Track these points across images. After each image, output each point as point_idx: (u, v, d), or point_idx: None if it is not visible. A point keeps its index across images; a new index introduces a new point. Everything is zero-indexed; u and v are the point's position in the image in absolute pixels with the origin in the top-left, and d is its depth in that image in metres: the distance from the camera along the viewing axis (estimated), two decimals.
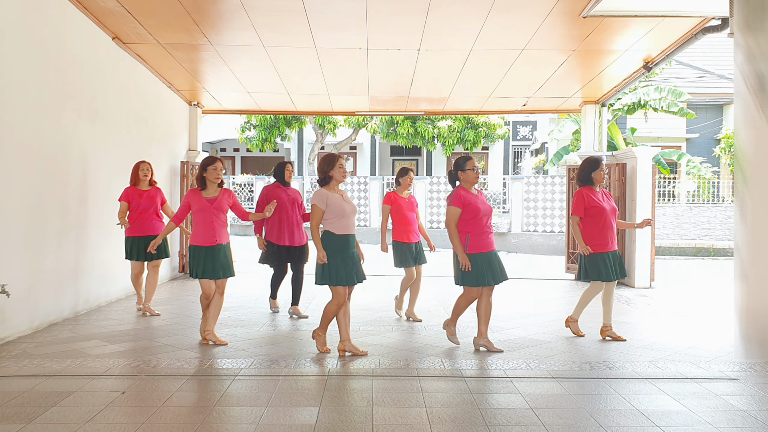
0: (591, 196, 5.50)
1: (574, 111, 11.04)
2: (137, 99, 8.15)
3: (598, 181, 5.55)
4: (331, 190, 4.84)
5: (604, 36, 6.99)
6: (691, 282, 10.62)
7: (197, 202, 5.21)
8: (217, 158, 5.31)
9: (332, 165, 4.82)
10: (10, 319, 5.23)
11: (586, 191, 5.53)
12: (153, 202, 6.52)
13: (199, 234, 5.20)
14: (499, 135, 21.82)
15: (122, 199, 6.43)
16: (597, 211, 5.44)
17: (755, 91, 4.81)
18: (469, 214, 4.98)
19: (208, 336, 5.23)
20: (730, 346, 5.19)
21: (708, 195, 19.81)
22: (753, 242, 4.88)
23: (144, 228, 6.45)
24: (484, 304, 5.11)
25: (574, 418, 3.49)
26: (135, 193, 6.47)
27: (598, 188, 5.62)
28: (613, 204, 5.62)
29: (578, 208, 5.50)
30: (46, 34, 5.78)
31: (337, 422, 3.39)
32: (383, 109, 11.59)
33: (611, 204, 5.58)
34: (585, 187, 5.58)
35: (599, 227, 5.45)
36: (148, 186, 6.59)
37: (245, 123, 21.49)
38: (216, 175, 5.24)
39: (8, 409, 3.53)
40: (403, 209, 6.30)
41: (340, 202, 4.80)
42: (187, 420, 3.41)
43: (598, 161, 5.59)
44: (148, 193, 6.52)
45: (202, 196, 5.23)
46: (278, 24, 6.68)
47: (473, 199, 5.03)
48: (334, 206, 4.77)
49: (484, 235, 5.05)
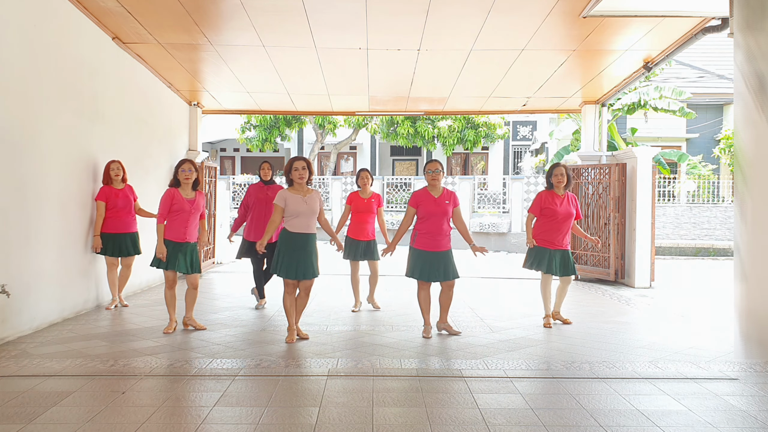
0: (548, 198, 6.06)
1: (574, 111, 11.04)
2: (137, 99, 8.15)
3: (556, 185, 6.09)
4: (294, 192, 5.25)
5: (604, 36, 6.99)
6: (691, 282, 10.62)
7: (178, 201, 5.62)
8: (186, 160, 5.75)
9: (289, 168, 5.29)
10: (10, 319, 5.23)
11: (545, 194, 6.12)
12: (128, 200, 6.83)
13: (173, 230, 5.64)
14: (499, 135, 21.84)
15: (99, 198, 6.69)
16: (550, 212, 6.03)
17: (755, 91, 4.81)
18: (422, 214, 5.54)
19: (189, 322, 5.78)
20: (730, 346, 5.19)
21: (708, 195, 19.81)
22: (753, 242, 4.88)
23: (119, 225, 6.77)
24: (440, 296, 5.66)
25: (574, 418, 3.49)
26: (111, 192, 6.74)
27: (562, 191, 6.10)
28: (572, 209, 6.08)
29: (534, 207, 6.14)
30: (46, 34, 5.78)
31: (337, 422, 3.38)
32: (383, 109, 11.59)
33: (569, 209, 6.06)
34: (545, 191, 6.18)
35: (548, 226, 6.05)
36: (121, 184, 6.84)
37: (245, 123, 21.50)
38: (186, 176, 5.64)
39: (8, 409, 3.53)
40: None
41: (298, 202, 5.22)
42: (187, 420, 3.41)
43: (552, 167, 6.19)
44: (123, 192, 6.81)
45: (182, 196, 5.64)
46: (278, 24, 6.68)
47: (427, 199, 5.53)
48: (291, 206, 5.21)
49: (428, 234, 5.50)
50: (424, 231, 5.49)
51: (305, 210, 5.22)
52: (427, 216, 5.47)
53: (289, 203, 5.21)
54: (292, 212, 5.21)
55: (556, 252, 6.03)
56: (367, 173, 6.91)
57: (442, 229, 5.49)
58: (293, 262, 5.21)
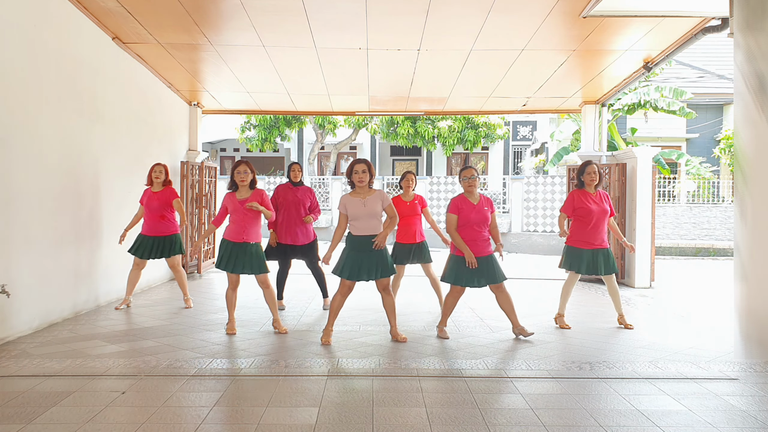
0: (581, 197, 5.95)
1: (574, 111, 11.04)
2: (137, 99, 8.15)
3: (588, 183, 5.98)
4: (355, 195, 5.31)
5: (604, 36, 6.99)
6: (691, 282, 10.62)
7: (231, 203, 5.64)
8: (242, 161, 5.69)
9: (350, 172, 5.32)
10: (10, 319, 5.24)
11: (577, 193, 6.01)
12: (161, 204, 6.75)
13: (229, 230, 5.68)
14: (499, 135, 21.83)
15: (140, 200, 6.87)
16: (584, 212, 5.92)
17: (755, 91, 4.81)
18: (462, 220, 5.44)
19: (274, 324, 5.81)
20: (730, 346, 5.19)
21: (708, 195, 19.81)
22: (753, 242, 4.88)
23: (149, 228, 6.78)
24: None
25: (574, 418, 3.49)
26: (146, 195, 6.80)
27: (594, 190, 5.98)
28: (605, 206, 5.97)
29: (567, 207, 6.03)
30: (46, 34, 5.78)
31: (337, 422, 3.38)
32: (383, 109, 11.59)
33: (603, 206, 5.96)
34: (577, 189, 6.07)
35: (583, 227, 5.94)
36: (160, 187, 6.81)
37: (245, 123, 21.49)
38: (241, 178, 5.62)
39: (8, 409, 3.53)
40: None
41: (357, 206, 5.26)
42: (187, 420, 3.41)
43: (584, 165, 6.05)
44: (157, 195, 6.77)
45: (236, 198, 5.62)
46: (278, 24, 6.68)
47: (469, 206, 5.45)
48: (351, 210, 5.27)
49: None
50: (467, 239, 5.41)
51: (364, 213, 5.23)
52: (467, 223, 5.41)
53: (349, 208, 5.26)
54: (353, 216, 5.26)
55: (598, 251, 5.92)
56: (412, 176, 6.73)
57: (482, 234, 5.45)
58: (356, 264, 5.23)
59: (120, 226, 7.27)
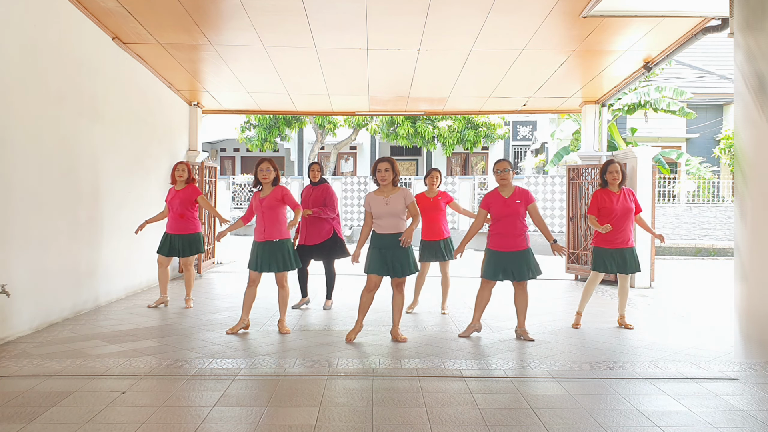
0: (604, 197, 5.97)
1: (574, 111, 11.04)
2: (137, 99, 8.15)
3: (611, 182, 5.99)
4: (379, 194, 5.34)
5: (604, 36, 6.99)
6: (691, 282, 10.62)
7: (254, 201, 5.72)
8: (265, 159, 5.73)
9: (374, 170, 5.36)
10: (10, 319, 5.24)
11: (601, 193, 6.02)
12: (182, 201, 6.81)
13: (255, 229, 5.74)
14: (499, 135, 21.82)
15: (165, 199, 6.98)
16: (607, 212, 5.93)
17: (755, 91, 4.81)
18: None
19: (279, 325, 5.81)
20: (730, 346, 5.19)
21: (708, 195, 19.81)
22: (753, 242, 4.88)
23: (171, 226, 6.89)
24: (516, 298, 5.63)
25: (574, 418, 3.49)
26: (170, 193, 6.92)
27: (617, 188, 5.99)
28: (630, 204, 5.96)
29: (592, 208, 6.04)
30: (46, 34, 5.78)
31: (337, 422, 3.38)
32: (383, 109, 11.59)
33: (627, 205, 5.94)
34: (600, 189, 6.08)
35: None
36: (183, 185, 6.88)
37: (245, 123, 21.49)
38: (263, 176, 5.65)
39: (8, 409, 3.53)
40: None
41: (380, 204, 5.31)
42: (187, 420, 3.41)
43: (606, 164, 6.07)
44: (180, 194, 6.84)
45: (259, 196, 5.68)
46: (278, 24, 6.68)
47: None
48: (374, 209, 5.32)
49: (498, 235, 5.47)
50: (496, 232, 5.46)
51: (386, 211, 5.26)
52: (498, 217, 5.42)
53: (373, 206, 5.31)
54: (376, 214, 5.31)
55: (624, 251, 5.90)
56: (438, 173, 6.75)
57: (515, 229, 5.38)
58: (382, 260, 5.27)
59: (120, 226, 7.27)
